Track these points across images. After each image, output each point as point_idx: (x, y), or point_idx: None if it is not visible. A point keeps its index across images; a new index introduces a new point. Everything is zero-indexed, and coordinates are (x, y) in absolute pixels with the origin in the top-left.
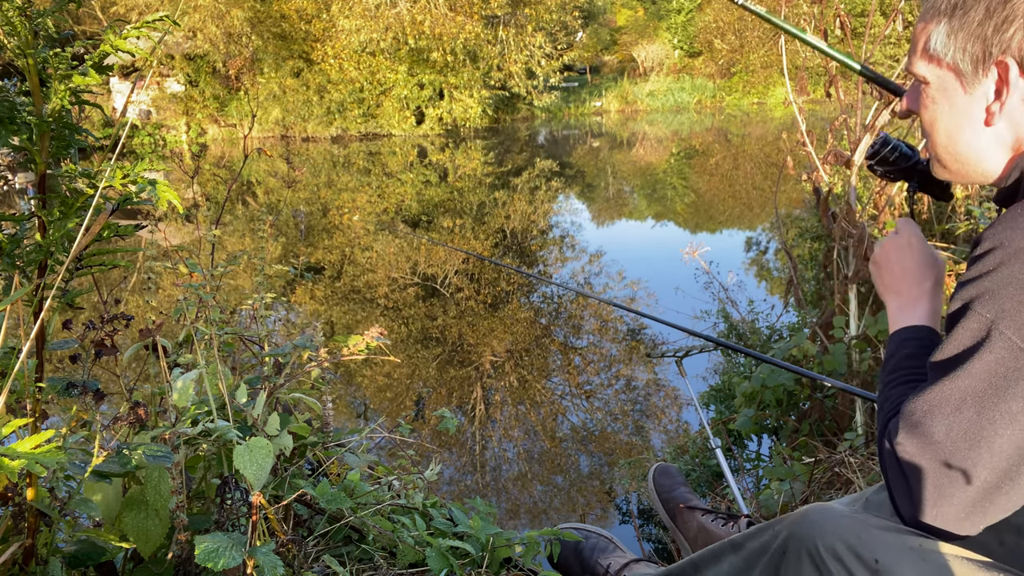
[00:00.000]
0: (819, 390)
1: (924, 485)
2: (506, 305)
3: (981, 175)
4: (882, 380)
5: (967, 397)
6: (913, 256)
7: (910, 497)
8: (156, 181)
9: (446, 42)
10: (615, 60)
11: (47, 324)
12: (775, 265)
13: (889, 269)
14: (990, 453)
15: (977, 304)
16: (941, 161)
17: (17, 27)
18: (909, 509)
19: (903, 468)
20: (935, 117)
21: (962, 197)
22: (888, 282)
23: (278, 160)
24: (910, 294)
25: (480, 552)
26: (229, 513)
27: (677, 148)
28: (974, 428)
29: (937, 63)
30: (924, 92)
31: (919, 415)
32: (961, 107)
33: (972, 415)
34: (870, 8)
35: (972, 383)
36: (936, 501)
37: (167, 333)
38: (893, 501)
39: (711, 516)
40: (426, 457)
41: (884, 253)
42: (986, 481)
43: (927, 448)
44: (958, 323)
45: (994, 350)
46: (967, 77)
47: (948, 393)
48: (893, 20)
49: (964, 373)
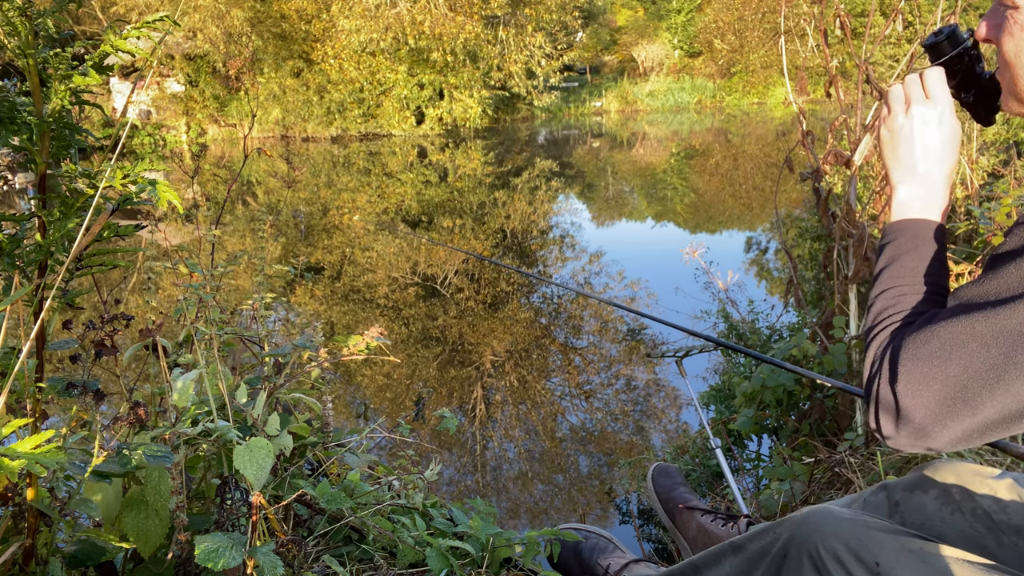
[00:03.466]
0: (819, 390)
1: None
2: (506, 305)
3: None
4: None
5: (1002, 336)
6: (941, 134)
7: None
8: (156, 181)
9: (446, 42)
10: (615, 60)
11: (47, 324)
12: (775, 265)
13: (911, 141)
14: (1006, 393)
15: None
16: (1021, 95)
17: (17, 27)
18: (891, 430)
19: (899, 383)
20: (1022, 47)
21: (962, 197)
22: (905, 157)
23: (278, 160)
24: (928, 178)
25: (480, 552)
26: (229, 513)
27: (677, 148)
28: (999, 368)
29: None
30: (1011, 18)
31: (943, 340)
32: None
33: (1000, 355)
34: (870, 8)
35: (1014, 324)
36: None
37: (167, 333)
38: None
39: (711, 516)
40: (426, 457)
41: (910, 124)
42: (988, 418)
43: (938, 375)
44: (1011, 262)
45: None
46: None
47: (982, 328)
48: (893, 20)
49: (1007, 313)
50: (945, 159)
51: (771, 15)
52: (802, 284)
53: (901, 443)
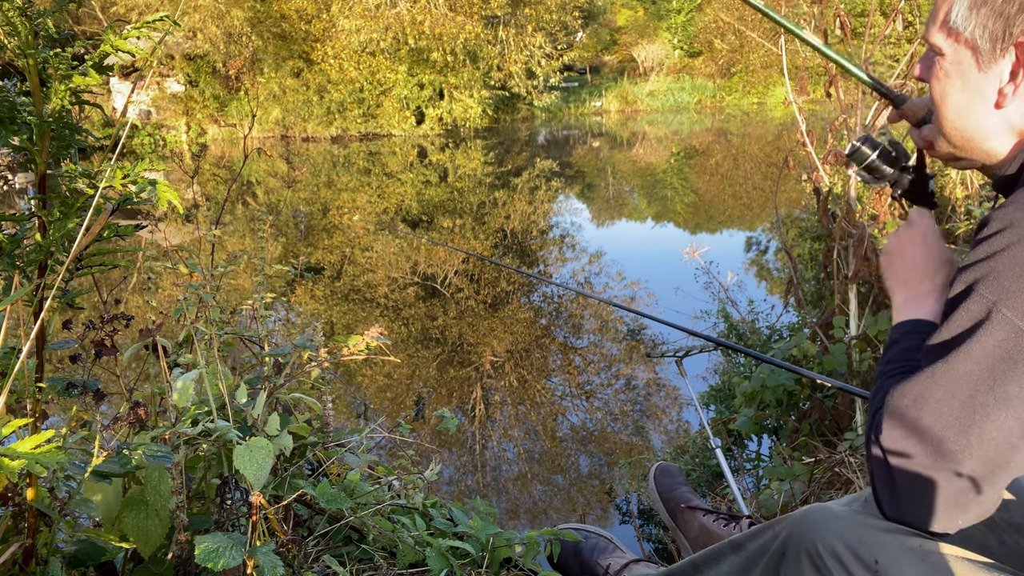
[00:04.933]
0: (819, 390)
1: (907, 477)
2: (506, 305)
3: (985, 154)
4: (878, 371)
5: (961, 380)
6: (927, 250)
7: (892, 490)
8: (156, 181)
9: (446, 42)
10: (615, 60)
11: (47, 324)
12: (775, 265)
13: (901, 260)
14: (979, 440)
15: (980, 286)
16: (947, 136)
17: (17, 27)
18: (890, 503)
19: (887, 459)
20: (946, 91)
21: (962, 197)
22: (898, 273)
23: (278, 160)
24: (920, 288)
25: (480, 552)
26: (229, 513)
27: (677, 148)
28: (966, 412)
29: (955, 37)
30: (938, 64)
31: (907, 401)
32: (974, 85)
33: (965, 398)
34: (870, 8)
35: (969, 366)
36: (919, 494)
37: (167, 333)
38: (876, 496)
39: (712, 516)
40: (426, 457)
41: (898, 243)
42: (974, 470)
43: (913, 435)
44: (959, 306)
45: (994, 332)
46: (983, 55)
47: (940, 377)
48: (893, 20)
49: (961, 356)
50: (928, 276)
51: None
52: (802, 284)
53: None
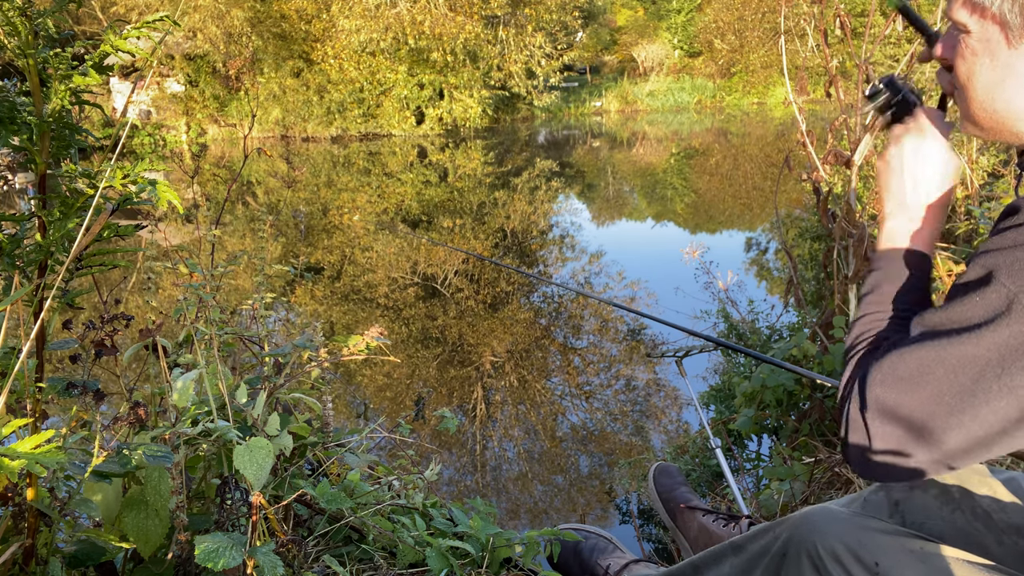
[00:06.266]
0: (819, 390)
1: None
2: (506, 305)
3: (1015, 136)
4: (863, 302)
5: (969, 363)
6: (934, 167)
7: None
8: (156, 181)
9: (446, 42)
10: (615, 60)
11: (47, 324)
12: (775, 265)
13: (901, 173)
14: (972, 419)
15: (1002, 275)
16: (974, 118)
17: (17, 27)
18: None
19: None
20: (973, 70)
21: (962, 197)
22: (896, 189)
23: (278, 160)
24: (917, 209)
25: (480, 552)
26: (229, 513)
27: (677, 148)
28: (965, 395)
29: (980, 12)
30: (963, 42)
31: (905, 371)
32: (1003, 62)
33: (968, 381)
34: (870, 8)
35: (979, 351)
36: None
37: (167, 333)
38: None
39: (712, 516)
40: (426, 457)
41: (901, 154)
42: (955, 452)
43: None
44: (975, 291)
45: (1012, 324)
46: (1014, 30)
47: (947, 356)
48: (893, 20)
49: (972, 340)
50: (934, 191)
51: (771, 15)
52: (802, 284)
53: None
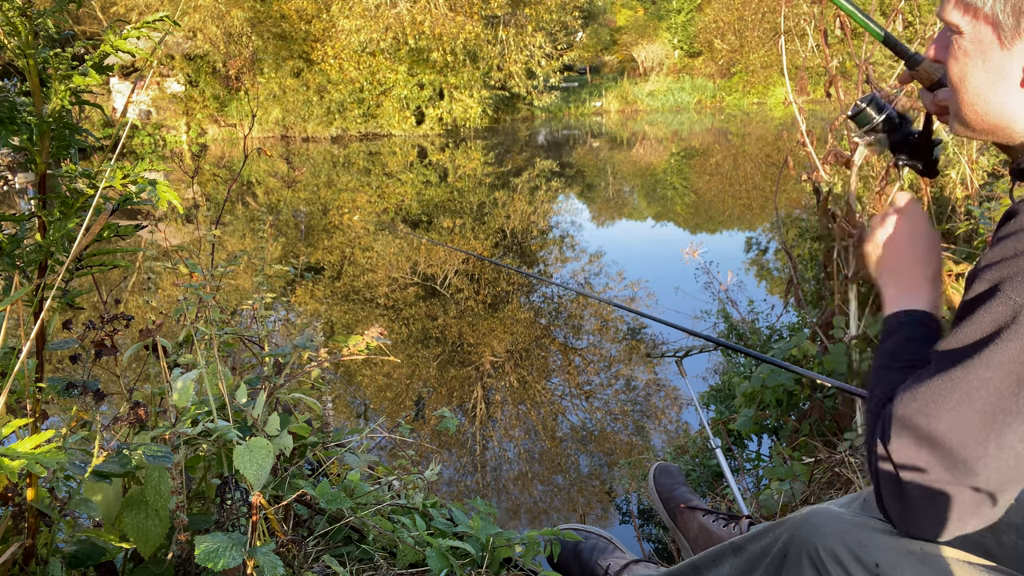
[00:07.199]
0: (819, 390)
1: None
2: (506, 305)
3: (1007, 137)
4: (875, 364)
5: (981, 387)
6: (920, 240)
7: (902, 503)
8: (156, 181)
9: (446, 42)
10: (615, 60)
11: (47, 324)
12: (775, 265)
13: (891, 248)
14: (998, 450)
15: (1006, 286)
16: (965, 119)
17: (17, 27)
18: (900, 515)
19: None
20: (966, 71)
21: (962, 197)
22: (888, 264)
23: (278, 160)
24: (913, 278)
25: (480, 552)
26: (229, 513)
27: (677, 148)
28: (985, 421)
29: (973, 13)
30: (955, 43)
31: (918, 407)
32: (996, 63)
33: (985, 407)
34: (870, 8)
35: (990, 372)
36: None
37: (167, 333)
38: (882, 506)
39: (712, 516)
40: (426, 457)
41: (886, 231)
42: (989, 481)
43: (925, 446)
44: (980, 306)
45: (1021, 336)
46: (1006, 31)
47: (958, 382)
48: (893, 20)
49: (982, 361)
50: (920, 265)
51: (771, 15)
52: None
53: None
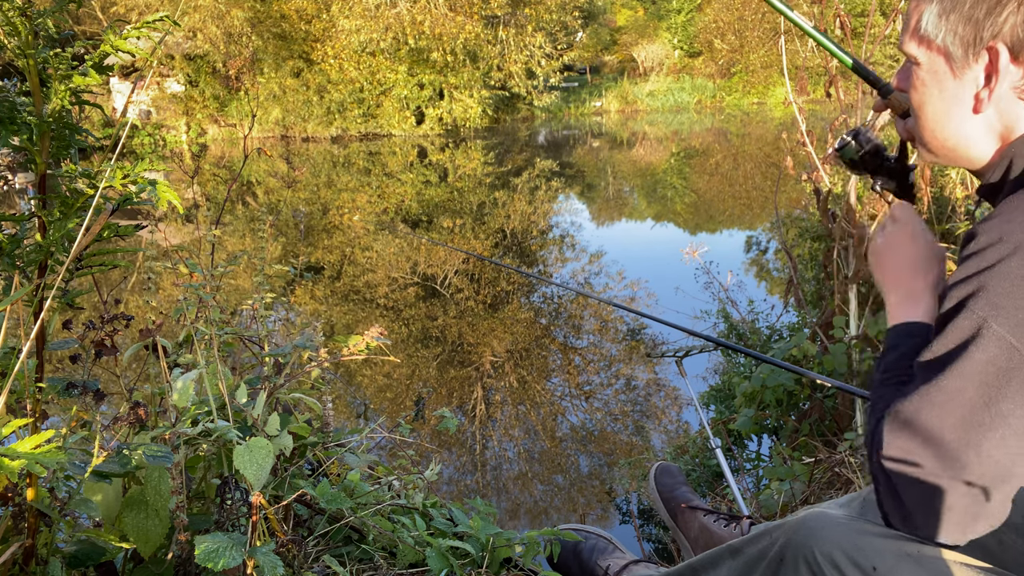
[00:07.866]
0: (819, 390)
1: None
2: (506, 305)
3: (967, 161)
4: (875, 378)
5: (954, 399)
6: (917, 246)
7: (900, 502)
8: (156, 181)
9: (446, 42)
10: (615, 60)
11: (47, 324)
12: (775, 265)
13: (892, 258)
14: (978, 457)
15: (971, 302)
16: (927, 145)
17: (17, 27)
18: (899, 515)
19: (890, 473)
20: (924, 100)
21: (962, 197)
22: (889, 272)
23: (278, 160)
24: (913, 286)
25: (480, 552)
26: (229, 513)
27: (677, 148)
28: (962, 430)
29: (927, 45)
30: (914, 73)
31: (905, 417)
32: (950, 92)
33: (959, 419)
34: (870, 8)
35: (960, 383)
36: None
37: (167, 333)
38: (881, 507)
39: (713, 516)
40: (426, 457)
41: (887, 243)
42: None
43: (916, 446)
44: (950, 322)
45: (986, 348)
46: (957, 61)
47: (934, 395)
48: (893, 20)
49: (952, 374)
50: (920, 273)
51: (771, 15)
52: (802, 284)
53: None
